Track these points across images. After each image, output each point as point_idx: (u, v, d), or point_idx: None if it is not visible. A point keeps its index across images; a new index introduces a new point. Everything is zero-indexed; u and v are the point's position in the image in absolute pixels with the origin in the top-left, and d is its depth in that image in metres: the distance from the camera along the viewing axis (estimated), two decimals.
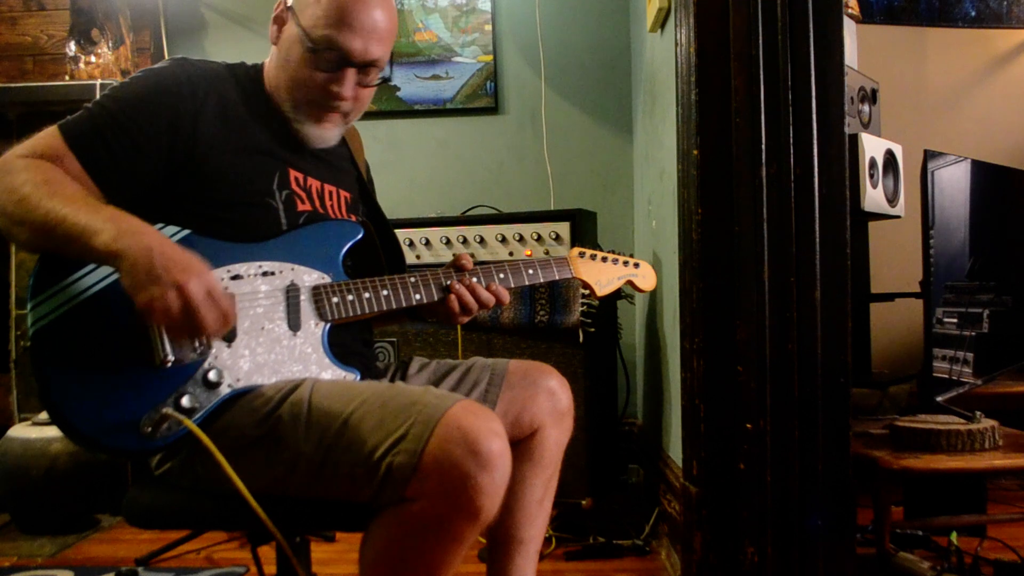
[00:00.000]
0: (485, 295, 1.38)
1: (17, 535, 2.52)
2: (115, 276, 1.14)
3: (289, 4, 1.33)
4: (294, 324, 1.25)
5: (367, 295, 1.31)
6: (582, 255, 1.53)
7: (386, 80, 1.37)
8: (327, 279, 1.30)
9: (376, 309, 1.31)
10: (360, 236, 1.38)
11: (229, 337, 1.20)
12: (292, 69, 1.32)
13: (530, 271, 1.44)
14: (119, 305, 1.14)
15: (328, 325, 1.28)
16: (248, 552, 1.40)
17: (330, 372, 1.28)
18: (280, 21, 1.35)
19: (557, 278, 1.48)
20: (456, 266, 1.41)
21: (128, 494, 1.26)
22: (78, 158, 1.19)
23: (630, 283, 1.57)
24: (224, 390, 1.19)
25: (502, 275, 1.42)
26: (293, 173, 1.36)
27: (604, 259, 1.55)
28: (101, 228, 1.08)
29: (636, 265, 1.58)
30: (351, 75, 1.31)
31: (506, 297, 1.41)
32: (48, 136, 1.20)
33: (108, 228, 1.08)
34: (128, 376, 1.14)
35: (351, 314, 1.29)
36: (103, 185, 1.20)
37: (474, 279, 1.39)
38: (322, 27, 1.27)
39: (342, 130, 1.41)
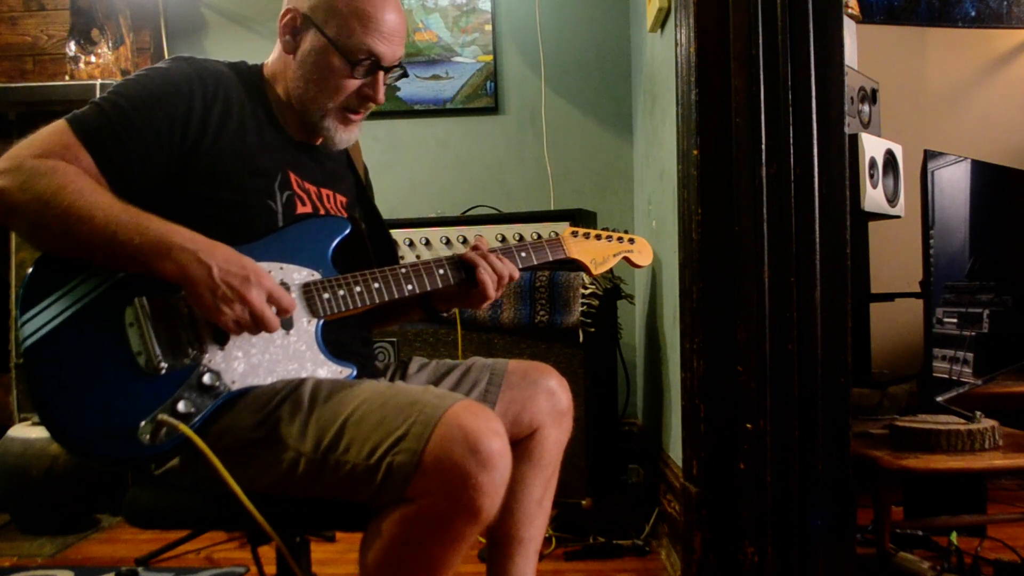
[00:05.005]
0: (499, 264, 1.38)
1: (17, 535, 2.52)
2: (104, 287, 1.16)
3: (304, 12, 1.32)
4: (286, 323, 1.24)
5: (358, 289, 1.30)
6: (575, 234, 1.50)
7: (404, 73, 1.41)
8: (317, 275, 1.29)
9: (368, 302, 1.30)
10: (348, 231, 1.36)
11: (221, 339, 1.20)
12: (321, 79, 1.32)
13: (523, 254, 1.44)
14: (110, 315, 1.15)
15: (321, 321, 1.28)
16: (248, 552, 1.40)
17: (326, 369, 1.27)
18: (294, 30, 1.34)
19: (551, 259, 1.47)
20: (474, 247, 1.41)
21: (128, 494, 1.26)
22: (93, 156, 1.18)
23: (627, 259, 1.55)
24: (220, 393, 1.18)
25: None
26: (293, 176, 1.36)
27: (598, 237, 1.52)
28: (159, 252, 1.11)
29: (631, 241, 1.56)
30: (382, 78, 1.35)
31: (516, 272, 1.41)
32: (59, 133, 1.18)
33: (166, 253, 1.11)
34: (123, 385, 1.14)
35: (343, 309, 1.28)
36: (114, 183, 1.19)
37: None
38: (353, 36, 1.29)
39: (361, 127, 1.44)
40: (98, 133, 1.19)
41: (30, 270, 1.16)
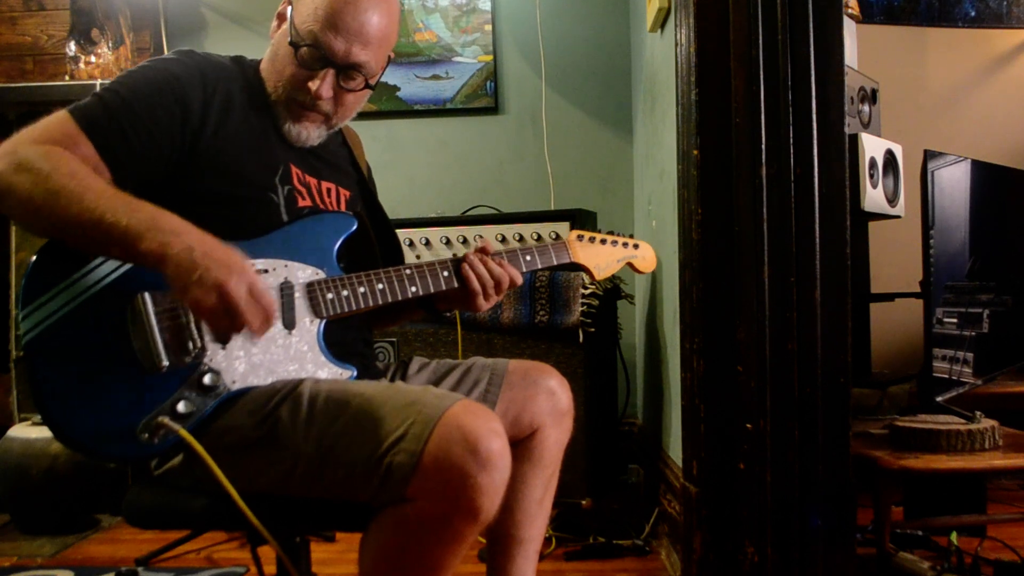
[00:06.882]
0: (498, 270, 1.37)
1: (17, 535, 2.52)
2: (106, 282, 1.15)
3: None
4: (289, 322, 1.24)
5: (362, 289, 1.29)
6: (580, 238, 1.50)
7: (370, 88, 1.34)
8: (321, 274, 1.28)
9: (371, 303, 1.30)
10: (354, 228, 1.35)
11: (223, 338, 1.19)
12: (278, 63, 1.32)
13: (527, 257, 1.43)
14: (111, 311, 1.14)
15: (323, 322, 1.27)
16: (248, 552, 1.40)
17: (326, 370, 1.27)
18: (281, 17, 1.34)
19: (555, 263, 1.46)
20: (479, 250, 1.40)
21: (128, 494, 1.26)
22: (94, 143, 1.17)
23: (630, 265, 1.55)
24: (220, 393, 1.18)
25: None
26: (295, 169, 1.36)
27: (603, 241, 1.52)
28: (144, 232, 1.07)
29: (636, 246, 1.56)
30: (329, 75, 1.29)
31: (519, 278, 1.40)
32: (60, 122, 1.18)
33: (150, 232, 1.07)
34: (124, 383, 1.14)
35: (346, 309, 1.28)
36: (116, 172, 1.18)
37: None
38: (309, 23, 1.26)
39: (323, 132, 1.38)
40: (99, 122, 1.18)
41: (32, 259, 1.15)
